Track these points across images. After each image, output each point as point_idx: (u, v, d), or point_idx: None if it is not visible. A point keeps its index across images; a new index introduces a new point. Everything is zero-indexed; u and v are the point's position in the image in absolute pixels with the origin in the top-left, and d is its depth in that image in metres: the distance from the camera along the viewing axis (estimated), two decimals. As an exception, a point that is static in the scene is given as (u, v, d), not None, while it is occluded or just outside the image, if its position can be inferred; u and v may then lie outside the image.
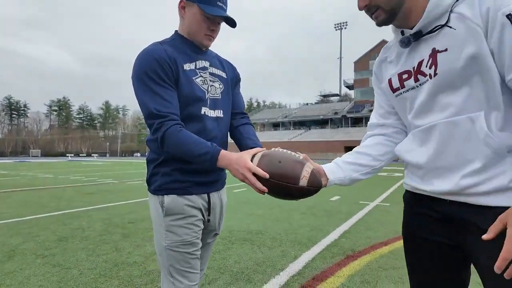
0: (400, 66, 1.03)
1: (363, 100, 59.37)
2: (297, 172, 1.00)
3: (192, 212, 1.24)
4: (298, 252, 3.32)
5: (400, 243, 3.65)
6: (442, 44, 0.89)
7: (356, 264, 2.97)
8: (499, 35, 0.80)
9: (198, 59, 1.30)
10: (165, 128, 1.12)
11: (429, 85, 0.93)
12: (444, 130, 0.90)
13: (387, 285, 2.51)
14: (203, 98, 1.24)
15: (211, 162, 1.09)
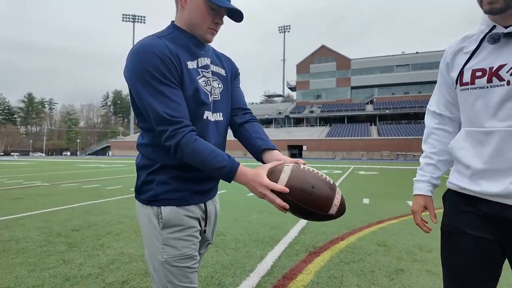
0: (476, 62, 1.02)
1: (304, 101, 62.39)
2: (330, 200, 0.95)
3: (191, 223, 1.15)
4: (264, 251, 3.34)
5: (355, 237, 3.93)
6: None
7: (320, 260, 3.11)
8: None
9: (200, 56, 1.18)
10: (180, 136, 1.02)
11: (502, 90, 0.94)
12: (505, 138, 0.93)
13: (351, 278, 2.67)
14: (207, 101, 1.15)
15: (228, 176, 1.02)
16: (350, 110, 54.89)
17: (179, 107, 1.04)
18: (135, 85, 1.05)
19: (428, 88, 54.56)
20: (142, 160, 1.17)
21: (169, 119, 1.02)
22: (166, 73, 1.04)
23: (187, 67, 1.11)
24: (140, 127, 1.18)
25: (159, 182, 1.12)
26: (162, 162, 1.12)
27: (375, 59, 59.11)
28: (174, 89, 1.05)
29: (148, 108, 1.04)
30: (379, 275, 2.73)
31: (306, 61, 62.95)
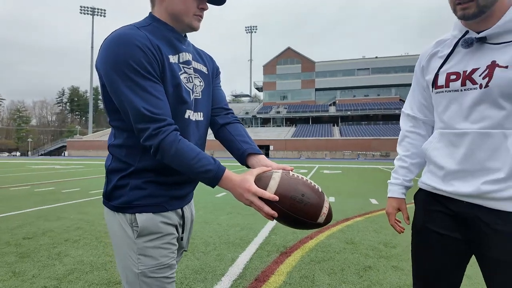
0: (451, 65, 1.04)
1: (271, 102, 63.16)
2: (319, 209, 0.93)
3: (169, 230, 1.07)
4: (234, 254, 3.29)
5: (323, 235, 4.01)
6: (505, 59, 0.92)
7: (291, 260, 3.12)
8: None
9: (182, 50, 1.10)
10: (162, 136, 0.93)
11: (475, 93, 0.97)
12: (477, 139, 0.96)
13: (323, 277, 2.71)
14: (188, 99, 1.07)
15: (212, 181, 0.95)
16: (315, 111, 56.53)
17: (162, 103, 0.96)
18: (112, 79, 0.95)
19: (386, 91, 57.85)
20: (113, 163, 1.07)
21: (151, 116, 0.93)
22: (147, 66, 0.95)
23: (168, 61, 1.02)
24: (113, 125, 1.07)
25: (133, 187, 1.02)
26: (137, 165, 1.03)
27: (337, 62, 61.42)
28: (156, 84, 0.97)
29: (127, 105, 0.95)
30: (348, 273, 2.80)
31: (273, 62, 63.76)
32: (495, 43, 0.94)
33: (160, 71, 0.99)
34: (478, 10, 0.92)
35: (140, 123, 0.94)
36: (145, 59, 0.95)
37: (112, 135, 1.10)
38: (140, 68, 0.94)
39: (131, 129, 0.99)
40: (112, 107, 1.03)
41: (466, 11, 0.93)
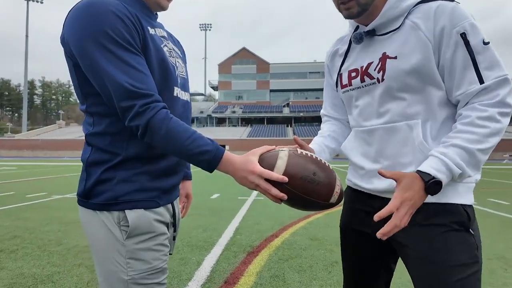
0: (350, 63, 1.04)
1: (227, 101, 62.86)
2: (332, 188, 0.86)
3: (162, 229, 0.95)
4: (199, 257, 3.12)
5: (288, 233, 4.01)
6: (393, 50, 0.91)
7: (259, 259, 3.06)
8: (452, 52, 0.85)
9: (157, 26, 0.99)
10: (152, 113, 0.81)
11: (374, 88, 0.96)
12: (384, 135, 0.95)
13: (293, 275, 2.68)
14: (174, 74, 0.96)
15: (211, 164, 0.84)
16: (269, 112, 57.55)
17: (146, 78, 0.84)
18: (87, 52, 0.80)
19: (336, 94, 61.04)
20: (94, 154, 0.91)
21: (137, 92, 0.81)
22: (127, 36, 0.83)
23: (149, 32, 0.91)
24: (91, 112, 0.92)
25: (120, 180, 0.89)
26: (124, 153, 0.89)
27: (291, 65, 63.32)
28: (137, 57, 0.85)
29: (107, 81, 0.81)
30: (317, 269, 2.81)
31: (228, 62, 63.52)
32: (383, 34, 0.94)
33: (141, 43, 0.88)
34: (361, 9, 0.93)
35: (124, 101, 0.81)
36: (124, 29, 0.83)
37: (89, 124, 0.94)
38: (120, 38, 0.82)
39: (115, 113, 0.86)
40: (88, 90, 0.88)
41: (349, 11, 0.94)
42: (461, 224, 0.88)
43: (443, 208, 0.89)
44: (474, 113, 0.83)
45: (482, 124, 0.81)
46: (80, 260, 2.99)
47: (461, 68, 0.84)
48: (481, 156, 0.82)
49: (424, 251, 0.89)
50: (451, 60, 0.85)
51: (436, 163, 0.82)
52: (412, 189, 0.80)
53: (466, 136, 0.82)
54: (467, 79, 0.84)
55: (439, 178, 0.80)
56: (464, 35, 0.83)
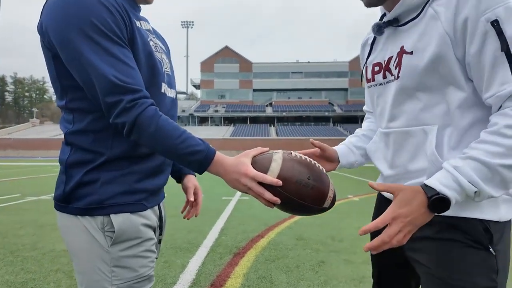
0: (375, 55, 0.95)
1: (209, 100, 62.30)
2: (325, 192, 0.84)
3: (149, 234, 0.90)
4: (184, 259, 3.05)
5: (274, 233, 4.00)
6: (411, 44, 0.80)
7: (246, 261, 3.02)
8: (479, 46, 0.70)
9: (142, 19, 0.95)
10: (140, 109, 0.76)
11: (393, 86, 0.86)
12: (398, 139, 0.88)
13: (280, 276, 2.66)
14: (161, 70, 0.91)
15: (201, 165, 0.80)
16: (252, 111, 57.54)
17: (134, 72, 0.79)
18: (70, 42, 0.75)
19: (318, 94, 61.86)
20: (75, 154, 0.85)
21: (124, 86, 0.76)
22: (114, 28, 0.78)
23: (136, 25, 0.85)
24: (71, 108, 0.85)
25: (105, 182, 0.83)
26: (109, 153, 0.83)
27: (273, 64, 63.55)
28: (125, 50, 0.80)
29: (92, 73, 0.75)
30: (304, 269, 2.81)
31: (210, 60, 62.94)
32: (402, 24, 0.83)
33: (128, 35, 0.82)
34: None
35: (110, 95, 0.76)
36: (112, 19, 0.78)
37: (67, 121, 0.87)
38: (107, 29, 0.76)
39: (98, 109, 0.80)
40: (69, 84, 0.82)
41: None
42: (477, 241, 0.77)
43: (458, 222, 0.78)
44: (503, 121, 0.69)
45: (510, 134, 0.67)
46: (58, 266, 2.84)
47: (491, 64, 0.70)
48: (506, 173, 0.68)
49: (433, 267, 0.81)
50: (478, 55, 0.71)
51: (446, 177, 0.71)
52: (410, 204, 0.71)
53: (488, 147, 0.69)
54: (498, 79, 0.69)
55: (446, 195, 0.69)
56: (497, 22, 0.68)
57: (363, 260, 3.00)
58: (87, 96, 0.81)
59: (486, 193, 0.69)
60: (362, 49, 1.06)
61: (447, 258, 0.79)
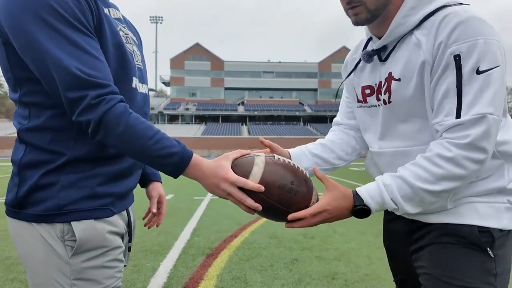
0: (364, 78, 0.96)
1: (179, 98, 60.96)
2: (308, 199, 0.81)
3: (116, 242, 0.82)
4: (155, 262, 2.93)
5: (247, 232, 3.97)
6: (398, 70, 0.84)
7: (219, 261, 2.96)
8: (439, 75, 0.76)
9: (111, 6, 0.86)
10: (106, 106, 0.68)
11: (386, 110, 0.89)
12: (392, 159, 0.89)
13: (254, 276, 2.64)
14: (132, 63, 0.84)
15: (176, 169, 0.74)
16: (224, 110, 57.15)
17: (101, 65, 0.71)
18: (24, 26, 0.66)
19: (288, 94, 62.80)
20: (30, 154, 0.76)
21: (89, 80, 0.68)
22: (79, 14, 0.70)
23: (104, 12, 0.78)
24: (26, 102, 0.76)
25: (65, 186, 0.75)
26: (70, 153, 0.75)
27: (245, 63, 63.53)
28: (91, 40, 0.72)
29: (51, 65, 0.67)
30: (278, 268, 2.81)
31: (181, 57, 61.60)
32: (386, 58, 0.87)
33: (95, 23, 0.75)
34: (370, 15, 0.83)
35: (73, 90, 0.68)
36: (75, 4, 0.70)
37: (22, 117, 0.78)
38: (68, 15, 0.69)
39: (58, 104, 0.72)
40: (23, 75, 0.73)
41: (357, 16, 0.84)
42: (474, 244, 0.80)
43: (455, 228, 0.82)
44: (437, 149, 0.75)
45: (439, 164, 0.74)
46: (13, 274, 2.62)
47: (443, 94, 0.75)
48: (426, 197, 0.75)
49: (431, 268, 0.84)
50: (436, 82, 0.77)
51: (374, 190, 0.79)
52: (338, 205, 0.79)
53: (418, 171, 0.76)
54: (445, 109, 0.75)
55: (370, 207, 0.78)
56: (459, 57, 0.72)
57: (334, 257, 3.07)
58: (45, 89, 0.72)
59: (404, 210, 0.78)
60: (345, 68, 1.06)
61: (445, 258, 0.82)
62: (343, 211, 0.80)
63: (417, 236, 0.90)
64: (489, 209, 0.81)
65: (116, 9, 0.90)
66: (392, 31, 0.84)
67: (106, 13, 0.79)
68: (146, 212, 1.15)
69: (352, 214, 0.81)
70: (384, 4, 0.83)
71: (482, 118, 0.71)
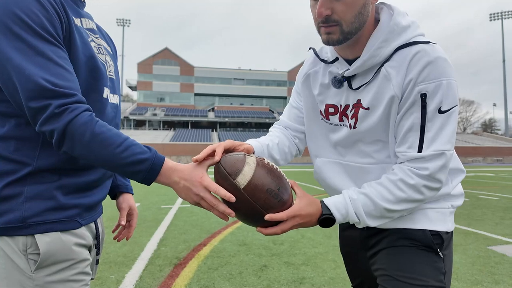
0: (329, 96, 0.99)
1: (147, 103, 59.31)
2: (288, 206, 0.82)
3: (83, 255, 0.80)
4: (119, 274, 2.82)
5: (216, 240, 3.94)
6: (367, 100, 0.88)
7: (187, 271, 2.91)
8: (406, 109, 0.82)
9: (84, 16, 0.86)
10: (71, 115, 0.67)
11: (349, 132, 0.94)
12: (359, 173, 0.95)
13: (223, 284, 2.63)
14: (105, 73, 0.83)
15: (148, 176, 0.74)
16: (194, 116, 56.38)
17: (67, 75, 0.70)
18: None
19: (259, 101, 63.43)
20: None
21: (53, 90, 0.67)
22: (45, 22, 0.69)
23: (74, 22, 0.77)
24: None
25: (30, 197, 0.73)
26: (36, 164, 0.73)
27: (216, 70, 63.39)
28: (58, 49, 0.71)
29: (15, 74, 0.66)
30: (247, 275, 2.82)
31: (149, 61, 60.07)
32: (358, 88, 0.90)
33: (64, 34, 0.74)
34: (342, 37, 0.84)
35: (36, 100, 0.66)
36: (42, 13, 0.69)
37: None
38: (35, 24, 0.68)
39: (23, 113, 0.71)
40: None
41: (330, 36, 0.85)
42: (428, 246, 0.88)
43: (409, 232, 0.89)
44: (401, 175, 0.83)
45: (401, 188, 0.82)
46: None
47: (408, 127, 0.83)
48: (386, 214, 0.85)
49: (388, 268, 0.89)
50: (402, 115, 0.84)
51: (341, 203, 0.85)
52: (309, 213, 0.83)
53: (382, 191, 0.84)
54: (408, 141, 0.83)
55: (335, 218, 0.84)
56: (425, 96, 0.79)
57: (302, 262, 3.14)
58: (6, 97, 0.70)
59: (365, 223, 0.86)
60: (305, 82, 1.05)
61: (401, 260, 0.89)
62: (312, 219, 0.84)
63: (374, 241, 0.97)
64: (437, 214, 0.91)
65: (90, 19, 0.89)
66: (365, 62, 0.86)
67: (76, 24, 0.79)
68: (116, 225, 1.12)
69: (318, 222, 0.86)
70: (357, 29, 0.85)
71: (441, 155, 0.80)
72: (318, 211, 0.85)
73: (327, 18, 0.83)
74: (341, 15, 0.82)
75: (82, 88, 0.75)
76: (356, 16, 0.82)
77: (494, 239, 4.03)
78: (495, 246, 3.69)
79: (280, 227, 0.82)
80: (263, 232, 0.83)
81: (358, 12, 0.82)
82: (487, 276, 2.76)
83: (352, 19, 0.82)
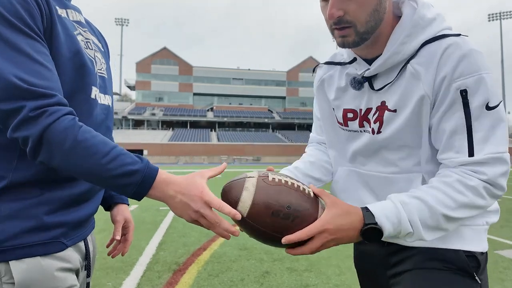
0: (346, 100, 0.90)
1: (145, 103, 59.15)
2: (312, 220, 0.70)
3: (69, 281, 0.71)
4: (117, 280, 2.72)
5: (216, 244, 3.85)
6: (394, 101, 0.79)
7: (187, 278, 2.82)
8: (445, 111, 0.73)
9: (70, 7, 0.77)
10: (49, 119, 0.58)
11: (371, 137, 0.85)
12: (382, 184, 0.86)
13: (224, 291, 2.54)
14: (93, 70, 0.74)
15: (139, 190, 0.64)
16: (193, 116, 56.25)
17: (47, 72, 0.61)
18: None
19: (258, 101, 63.37)
20: None
21: (29, 89, 0.58)
22: (22, 13, 0.60)
23: (57, 13, 0.68)
24: None
25: (5, 216, 0.64)
26: (12, 176, 0.64)
27: (214, 69, 63.29)
28: (37, 43, 0.62)
29: None
30: (249, 282, 2.73)
31: (147, 61, 59.92)
32: (381, 88, 0.82)
33: (45, 26, 0.65)
34: (358, 38, 0.77)
35: (7, 101, 0.57)
36: (20, 3, 0.61)
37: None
38: (11, 15, 0.59)
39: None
40: None
41: (345, 39, 0.77)
42: (462, 269, 0.77)
43: (439, 253, 0.78)
44: (457, 176, 0.71)
45: (462, 191, 0.69)
46: None
47: (451, 131, 0.72)
48: (444, 224, 0.70)
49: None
50: (441, 118, 0.74)
51: (390, 208, 0.70)
52: (341, 223, 0.69)
53: (439, 195, 0.70)
54: (455, 146, 0.72)
55: (383, 227, 0.69)
56: (465, 93, 0.70)
57: (305, 268, 3.05)
58: None
59: (418, 236, 0.71)
60: (321, 86, 0.98)
61: (430, 284, 0.77)
62: (349, 232, 0.69)
63: (396, 260, 0.86)
64: (472, 232, 0.79)
65: (77, 11, 0.80)
66: (387, 60, 0.78)
67: (60, 15, 0.70)
68: (111, 239, 1.03)
69: (362, 235, 0.70)
70: (374, 27, 0.77)
71: (499, 159, 0.69)
72: (358, 221, 0.69)
73: (340, 20, 0.75)
74: (354, 15, 0.74)
75: (66, 87, 0.66)
76: (371, 14, 0.75)
77: (500, 242, 3.96)
78: (501, 250, 3.61)
79: (308, 246, 0.69)
80: (291, 253, 0.72)
81: (373, 10, 0.75)
82: (497, 283, 2.68)
83: (367, 18, 0.75)
